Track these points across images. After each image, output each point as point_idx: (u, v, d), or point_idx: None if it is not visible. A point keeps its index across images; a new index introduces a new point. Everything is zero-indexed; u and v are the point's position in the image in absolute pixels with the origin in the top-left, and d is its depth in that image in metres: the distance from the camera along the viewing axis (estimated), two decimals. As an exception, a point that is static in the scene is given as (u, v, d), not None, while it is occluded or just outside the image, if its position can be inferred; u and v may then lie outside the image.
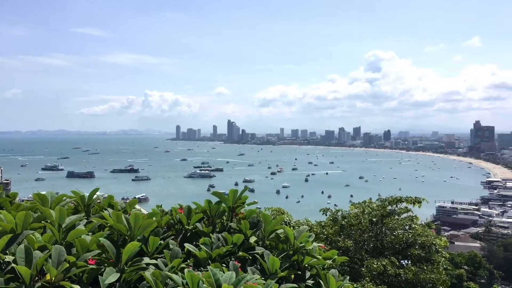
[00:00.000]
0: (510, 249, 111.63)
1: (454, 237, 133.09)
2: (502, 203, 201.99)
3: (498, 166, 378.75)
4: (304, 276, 3.73)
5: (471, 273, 52.73)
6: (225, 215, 4.29)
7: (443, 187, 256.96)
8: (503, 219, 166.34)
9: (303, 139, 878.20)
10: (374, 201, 14.50)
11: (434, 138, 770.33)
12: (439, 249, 13.25)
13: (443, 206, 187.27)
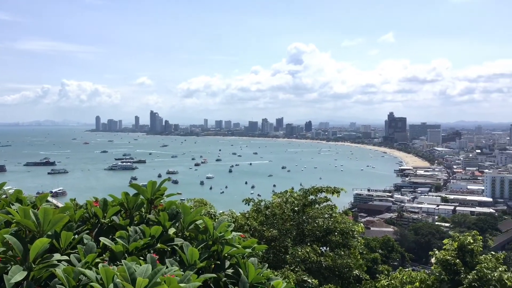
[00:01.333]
0: (420, 232, 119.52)
1: (370, 223, 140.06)
2: (413, 190, 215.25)
3: (409, 155, 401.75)
4: (224, 265, 3.74)
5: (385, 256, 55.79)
6: (143, 207, 4.18)
7: (360, 175, 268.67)
8: (414, 204, 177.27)
9: (227, 130, 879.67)
10: (296, 191, 14.87)
11: (352, 129, 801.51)
12: (355, 235, 13.87)
13: (360, 194, 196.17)
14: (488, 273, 10.66)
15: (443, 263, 11.36)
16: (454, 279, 11.14)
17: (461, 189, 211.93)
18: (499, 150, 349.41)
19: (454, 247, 11.63)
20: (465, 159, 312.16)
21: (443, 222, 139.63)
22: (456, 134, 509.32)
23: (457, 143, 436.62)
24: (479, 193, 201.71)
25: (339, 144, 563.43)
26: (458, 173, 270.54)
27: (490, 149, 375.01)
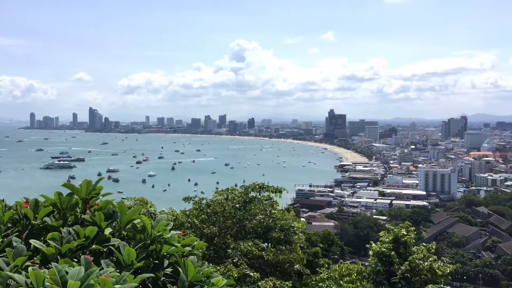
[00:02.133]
0: (359, 226, 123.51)
1: (311, 218, 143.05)
2: (353, 185, 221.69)
3: (349, 151, 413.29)
4: (162, 264, 3.70)
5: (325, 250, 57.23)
6: (78, 207, 4.05)
7: (302, 171, 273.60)
8: (353, 199, 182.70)
9: (169, 127, 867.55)
10: (237, 188, 14.96)
11: (294, 126, 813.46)
12: (296, 231, 14.14)
13: (302, 189, 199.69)
14: (420, 263, 11.22)
15: (379, 255, 11.83)
16: (389, 270, 11.63)
17: (397, 183, 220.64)
18: (432, 146, 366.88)
19: (389, 239, 12.14)
20: (400, 155, 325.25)
21: (380, 216, 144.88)
22: (393, 131, 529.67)
23: (393, 139, 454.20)
24: (413, 187, 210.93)
25: (282, 141, 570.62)
26: (394, 168, 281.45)
27: (424, 145, 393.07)
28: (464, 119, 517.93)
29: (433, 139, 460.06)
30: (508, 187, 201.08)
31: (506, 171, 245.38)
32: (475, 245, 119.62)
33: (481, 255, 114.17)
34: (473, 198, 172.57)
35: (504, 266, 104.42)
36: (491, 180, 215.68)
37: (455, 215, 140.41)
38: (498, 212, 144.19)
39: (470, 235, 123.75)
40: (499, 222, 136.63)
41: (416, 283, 11.13)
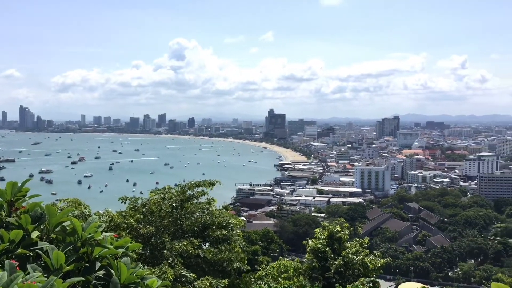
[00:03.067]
0: (298, 223, 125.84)
1: (252, 216, 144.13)
2: (292, 183, 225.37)
3: (288, 150, 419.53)
4: (94, 267, 3.63)
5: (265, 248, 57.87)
6: (2, 210, 3.89)
7: (242, 170, 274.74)
8: (293, 197, 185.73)
9: (106, 126, 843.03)
10: (174, 187, 14.87)
11: (234, 125, 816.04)
12: (234, 227, 14.25)
13: (242, 188, 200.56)
14: (353, 258, 11.67)
15: (314, 251, 12.17)
16: (324, 265, 11.99)
17: (334, 181, 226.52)
18: (367, 145, 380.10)
19: (324, 236, 12.50)
20: (338, 153, 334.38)
21: (319, 213, 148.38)
22: (330, 130, 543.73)
23: (331, 138, 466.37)
24: (350, 184, 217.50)
25: (222, 140, 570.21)
26: (332, 166, 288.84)
27: (360, 144, 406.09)
28: (397, 119, 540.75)
29: (368, 138, 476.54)
30: (436, 184, 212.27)
31: (435, 168, 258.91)
32: (407, 239, 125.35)
33: (412, 248, 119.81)
34: (405, 195, 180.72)
35: (433, 259, 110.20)
36: (421, 177, 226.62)
37: (389, 211, 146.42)
38: (427, 208, 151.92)
39: (402, 230, 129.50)
40: (428, 217, 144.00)
41: (349, 277, 11.56)
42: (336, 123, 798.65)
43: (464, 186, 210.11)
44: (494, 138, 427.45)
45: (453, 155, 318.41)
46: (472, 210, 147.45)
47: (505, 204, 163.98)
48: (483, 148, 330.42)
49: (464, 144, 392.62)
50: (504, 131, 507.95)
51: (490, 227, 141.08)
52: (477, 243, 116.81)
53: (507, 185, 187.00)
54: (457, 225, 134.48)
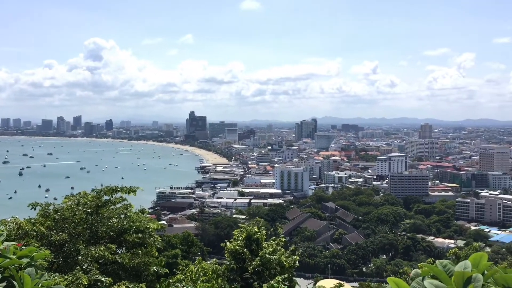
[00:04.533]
0: (219, 226, 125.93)
1: (173, 220, 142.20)
2: (213, 186, 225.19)
3: (210, 153, 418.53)
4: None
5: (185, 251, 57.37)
6: None
7: (163, 173, 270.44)
8: (214, 200, 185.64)
9: (16, 129, 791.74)
10: (89, 192, 14.37)
11: (154, 128, 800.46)
12: (152, 232, 14.05)
13: (163, 192, 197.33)
14: (270, 257, 11.94)
15: (232, 253, 12.29)
16: (242, 266, 12.16)
17: (255, 183, 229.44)
18: (287, 147, 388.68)
19: (242, 237, 12.66)
20: (258, 155, 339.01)
21: (240, 215, 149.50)
22: (251, 132, 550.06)
23: (251, 141, 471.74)
24: (270, 186, 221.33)
25: (142, 143, 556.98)
26: (252, 168, 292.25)
27: (279, 146, 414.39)
28: (315, 121, 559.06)
29: (288, 140, 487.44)
30: (352, 183, 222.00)
31: (350, 168, 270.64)
32: (325, 238, 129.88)
33: (329, 246, 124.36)
34: (323, 195, 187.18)
35: (349, 256, 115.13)
36: (337, 177, 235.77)
37: (307, 211, 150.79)
38: (343, 207, 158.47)
39: (320, 229, 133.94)
40: (344, 215, 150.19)
41: (266, 277, 11.81)
42: (256, 125, 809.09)
43: (376, 185, 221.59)
44: (403, 139, 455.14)
45: (367, 156, 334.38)
46: (384, 208, 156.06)
47: (413, 202, 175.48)
48: (393, 149, 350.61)
49: (376, 145, 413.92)
50: (412, 133, 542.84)
51: (400, 223, 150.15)
52: (388, 239, 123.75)
53: (414, 184, 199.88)
54: (371, 223, 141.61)
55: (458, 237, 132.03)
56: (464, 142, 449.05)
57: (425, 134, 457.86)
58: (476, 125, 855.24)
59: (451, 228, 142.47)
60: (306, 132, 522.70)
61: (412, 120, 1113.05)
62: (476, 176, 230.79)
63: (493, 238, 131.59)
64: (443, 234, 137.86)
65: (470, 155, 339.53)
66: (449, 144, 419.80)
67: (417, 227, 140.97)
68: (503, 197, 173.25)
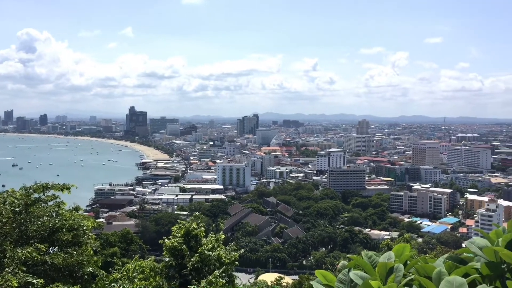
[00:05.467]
0: (160, 222, 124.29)
1: (112, 218, 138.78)
2: (154, 182, 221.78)
3: (150, 148, 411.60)
4: None
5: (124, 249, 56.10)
6: None
7: (102, 170, 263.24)
8: (155, 196, 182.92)
9: None
10: (17, 190, 13.65)
11: (92, 123, 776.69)
12: (86, 230, 13.58)
13: (102, 189, 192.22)
14: (209, 253, 11.90)
15: (171, 249, 12.14)
16: (181, 263, 12.05)
17: (197, 179, 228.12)
18: (229, 142, 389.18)
19: (181, 233, 12.54)
20: (200, 151, 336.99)
21: (181, 211, 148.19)
22: (192, 128, 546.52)
23: (193, 136, 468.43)
24: (212, 181, 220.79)
25: (79, 139, 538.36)
26: (194, 164, 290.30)
27: (221, 141, 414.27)
28: (256, 117, 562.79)
29: (230, 135, 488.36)
30: (292, 178, 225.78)
31: (291, 164, 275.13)
32: (266, 233, 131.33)
33: (271, 241, 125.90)
34: (264, 190, 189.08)
35: (290, 249, 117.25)
36: (278, 172, 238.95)
37: (249, 206, 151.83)
38: (284, 201, 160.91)
39: (262, 224, 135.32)
40: (285, 210, 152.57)
41: (206, 273, 11.77)
42: (198, 121, 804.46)
43: (316, 180, 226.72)
44: (342, 135, 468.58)
45: (307, 151, 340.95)
46: (323, 202, 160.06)
47: (351, 195, 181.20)
48: (332, 145, 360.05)
49: (316, 141, 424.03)
50: (350, 129, 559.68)
51: (339, 216, 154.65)
52: (327, 232, 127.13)
53: (352, 178, 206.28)
54: (311, 217, 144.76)
55: (393, 229, 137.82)
56: (399, 137, 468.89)
57: (362, 130, 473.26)
58: (410, 121, 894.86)
59: (386, 220, 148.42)
60: (248, 128, 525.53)
61: (351, 117, 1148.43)
62: (409, 170, 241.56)
63: (424, 229, 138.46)
64: (378, 226, 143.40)
65: (404, 150, 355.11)
66: (385, 140, 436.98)
67: (354, 220, 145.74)
68: (433, 190, 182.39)
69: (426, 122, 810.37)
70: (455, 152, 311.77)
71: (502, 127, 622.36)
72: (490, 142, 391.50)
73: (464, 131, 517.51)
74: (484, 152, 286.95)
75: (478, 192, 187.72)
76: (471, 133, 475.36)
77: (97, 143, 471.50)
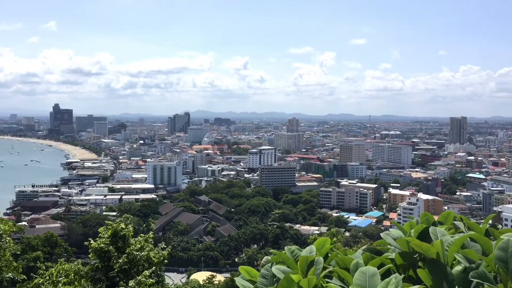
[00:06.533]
0: (88, 224, 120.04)
1: (35, 221, 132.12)
2: (81, 183, 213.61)
3: (77, 148, 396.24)
4: None
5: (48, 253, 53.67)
6: None
7: (24, 171, 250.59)
8: (82, 197, 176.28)
9: None
10: None
11: (12, 121, 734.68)
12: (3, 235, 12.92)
13: (24, 191, 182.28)
14: (138, 254, 11.72)
15: (97, 251, 11.84)
16: (108, 265, 11.78)
17: (126, 179, 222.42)
18: (159, 141, 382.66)
19: (108, 234, 12.25)
20: (130, 150, 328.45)
21: (110, 212, 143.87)
22: (122, 126, 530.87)
23: (122, 135, 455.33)
24: (143, 181, 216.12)
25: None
26: (124, 163, 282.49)
27: (152, 140, 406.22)
28: (188, 115, 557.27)
29: (160, 134, 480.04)
30: (224, 176, 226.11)
31: (222, 162, 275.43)
32: (198, 231, 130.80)
33: (203, 239, 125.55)
34: (196, 188, 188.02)
35: (222, 247, 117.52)
36: (210, 170, 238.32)
37: (181, 205, 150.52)
38: (216, 199, 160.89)
39: (194, 223, 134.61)
40: (217, 208, 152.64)
41: (134, 274, 11.58)
42: (127, 119, 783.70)
43: (248, 177, 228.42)
44: (272, 133, 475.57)
45: (239, 149, 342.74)
46: (255, 199, 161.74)
47: (282, 192, 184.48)
48: (264, 143, 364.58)
49: (247, 139, 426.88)
50: (280, 126, 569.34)
51: (270, 213, 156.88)
52: (259, 229, 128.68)
53: (283, 175, 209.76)
54: (242, 214, 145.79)
55: (322, 224, 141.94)
56: (327, 135, 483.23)
57: (292, 128, 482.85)
58: (337, 119, 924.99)
59: (315, 215, 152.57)
60: (179, 126, 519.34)
61: (281, 115, 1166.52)
62: (337, 166, 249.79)
63: (351, 223, 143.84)
64: (308, 222, 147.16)
65: (332, 147, 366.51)
66: (314, 137, 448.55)
67: (285, 216, 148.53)
68: (359, 185, 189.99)
69: (353, 120, 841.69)
70: (379, 149, 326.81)
71: (421, 125, 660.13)
72: (411, 139, 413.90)
73: (387, 129, 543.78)
74: (406, 149, 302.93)
75: (400, 187, 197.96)
76: (393, 130, 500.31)
77: (18, 143, 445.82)
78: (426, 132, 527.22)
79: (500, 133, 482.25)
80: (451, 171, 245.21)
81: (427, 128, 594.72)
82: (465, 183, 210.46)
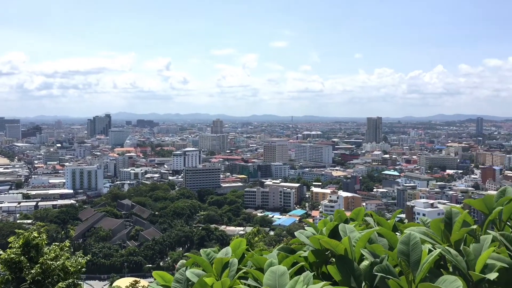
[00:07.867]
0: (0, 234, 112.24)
1: None
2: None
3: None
4: None
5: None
6: None
7: None
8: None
9: None
10: None
11: None
12: None
13: None
14: (52, 263, 11.20)
15: (7, 262, 11.18)
16: (20, 276, 11.17)
17: (43, 184, 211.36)
18: (78, 144, 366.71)
19: (19, 244, 11.62)
20: (46, 154, 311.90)
21: (25, 219, 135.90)
22: (37, 129, 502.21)
23: (38, 138, 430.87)
24: (60, 186, 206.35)
25: None
26: (39, 168, 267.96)
27: (70, 143, 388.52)
28: (108, 117, 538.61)
29: (79, 137, 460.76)
30: (148, 179, 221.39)
31: (146, 164, 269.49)
32: (121, 236, 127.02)
33: (126, 244, 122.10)
34: (118, 192, 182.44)
35: (146, 252, 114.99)
36: (133, 173, 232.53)
37: (102, 210, 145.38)
38: (140, 203, 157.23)
39: (116, 228, 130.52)
40: (141, 212, 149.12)
41: (48, 284, 11.05)
42: (43, 121, 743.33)
43: (172, 180, 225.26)
44: (197, 134, 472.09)
45: (162, 151, 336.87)
46: (180, 201, 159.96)
47: (207, 194, 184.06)
48: (188, 144, 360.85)
49: (171, 140, 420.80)
50: (205, 128, 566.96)
51: (195, 215, 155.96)
52: (184, 231, 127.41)
53: (208, 177, 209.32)
54: (167, 217, 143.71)
55: (247, 224, 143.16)
56: (251, 136, 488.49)
57: (216, 129, 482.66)
58: (261, 120, 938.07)
59: (240, 216, 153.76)
60: (100, 128, 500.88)
61: (205, 116, 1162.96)
62: (261, 167, 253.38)
63: (276, 222, 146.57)
64: (234, 222, 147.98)
65: (256, 148, 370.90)
66: (238, 138, 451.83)
67: (211, 218, 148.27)
68: (283, 185, 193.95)
69: (276, 121, 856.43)
70: (301, 148, 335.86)
71: (341, 125, 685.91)
72: (331, 139, 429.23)
73: (309, 129, 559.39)
74: (326, 148, 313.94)
75: (322, 185, 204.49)
76: (315, 131, 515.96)
77: None
78: (345, 132, 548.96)
79: (412, 132, 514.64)
80: (368, 169, 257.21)
81: (346, 128, 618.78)
82: (381, 180, 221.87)
